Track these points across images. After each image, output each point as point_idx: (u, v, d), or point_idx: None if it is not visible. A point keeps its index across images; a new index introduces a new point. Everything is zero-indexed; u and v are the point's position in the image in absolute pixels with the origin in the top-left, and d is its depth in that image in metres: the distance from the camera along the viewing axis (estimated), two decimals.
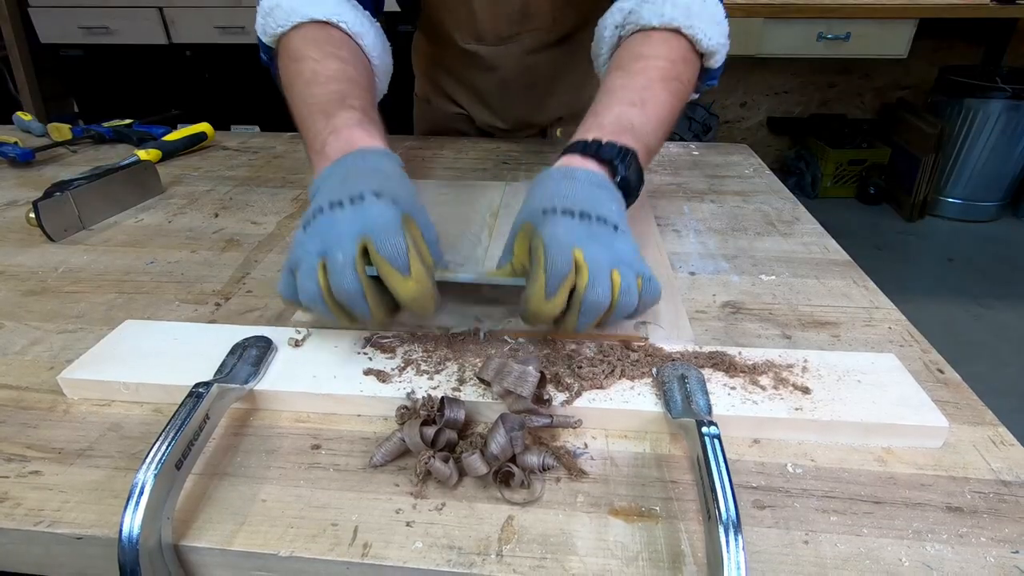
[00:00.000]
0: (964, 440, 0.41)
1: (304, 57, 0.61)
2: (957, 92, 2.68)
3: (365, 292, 0.41)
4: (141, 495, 0.31)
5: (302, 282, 0.42)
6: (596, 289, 0.42)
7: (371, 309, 0.42)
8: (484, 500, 0.36)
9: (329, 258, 0.41)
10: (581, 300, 0.42)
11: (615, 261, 0.43)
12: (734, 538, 0.29)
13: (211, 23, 2.46)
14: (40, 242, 0.70)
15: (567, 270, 0.41)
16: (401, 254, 0.41)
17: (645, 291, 0.45)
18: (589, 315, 0.43)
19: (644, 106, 0.55)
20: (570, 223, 0.44)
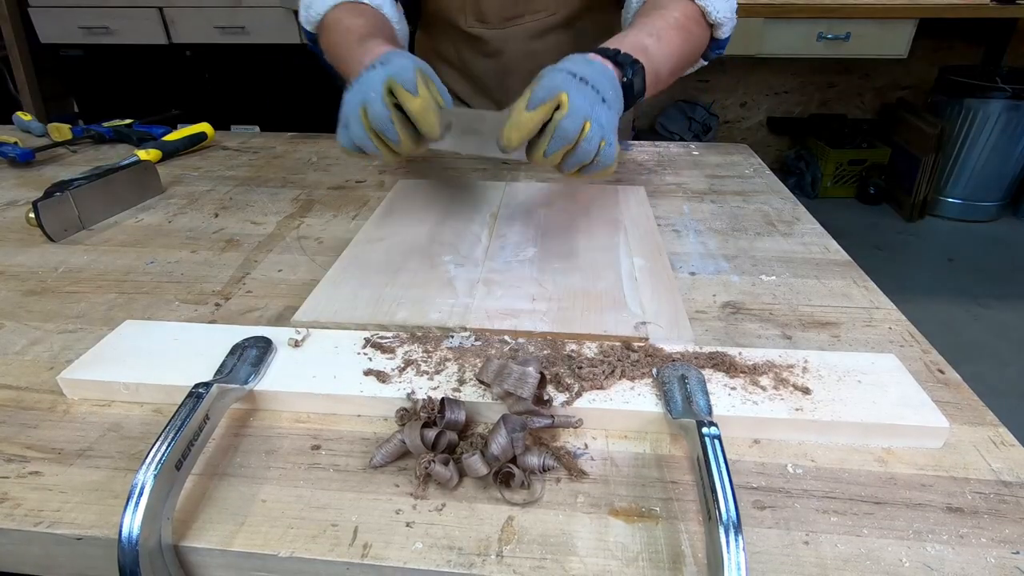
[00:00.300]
0: (964, 440, 0.41)
1: (338, 21, 0.77)
2: (957, 92, 2.67)
3: (392, 119, 0.52)
4: (141, 495, 0.31)
5: (351, 125, 0.54)
6: (569, 120, 0.50)
7: (398, 133, 0.53)
8: (484, 501, 0.36)
9: (365, 97, 0.53)
10: (556, 125, 0.50)
11: (592, 117, 0.51)
12: (734, 539, 0.29)
13: (211, 23, 2.45)
14: (40, 242, 0.70)
15: (549, 96, 0.50)
16: (411, 80, 0.52)
17: (603, 153, 0.52)
18: (558, 141, 0.51)
19: (658, 39, 0.66)
20: (567, 78, 0.52)
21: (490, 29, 0.93)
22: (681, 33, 0.69)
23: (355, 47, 0.69)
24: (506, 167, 0.92)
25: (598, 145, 0.52)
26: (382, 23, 0.79)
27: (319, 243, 0.69)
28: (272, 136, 1.12)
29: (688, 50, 0.71)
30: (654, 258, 0.61)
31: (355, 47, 0.69)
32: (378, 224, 0.70)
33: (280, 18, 2.41)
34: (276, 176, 0.91)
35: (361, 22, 0.75)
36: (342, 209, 0.79)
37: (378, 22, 0.77)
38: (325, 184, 0.88)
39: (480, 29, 0.93)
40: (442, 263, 0.61)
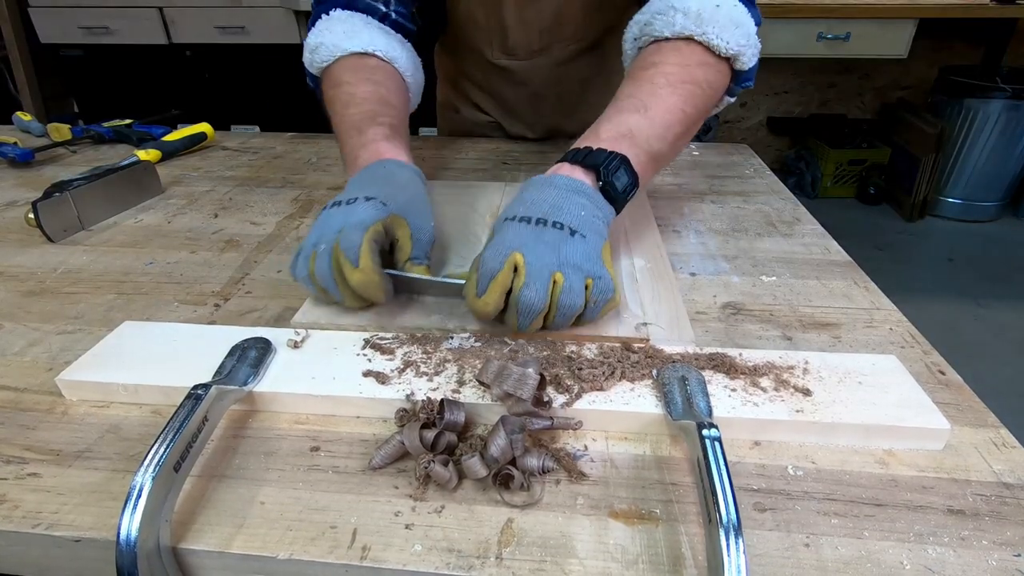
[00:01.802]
0: (966, 442, 0.41)
1: (342, 83, 0.69)
2: (957, 92, 2.67)
3: (336, 281, 0.48)
4: (139, 497, 0.31)
5: (296, 265, 0.51)
6: (529, 289, 0.44)
7: (342, 293, 0.49)
8: (484, 503, 0.36)
9: (317, 246, 0.50)
10: (516, 299, 0.45)
11: (560, 264, 0.46)
12: (735, 541, 0.29)
13: (211, 23, 2.46)
14: (39, 242, 0.70)
15: (496, 270, 0.45)
16: (353, 248, 0.47)
17: (595, 291, 0.46)
18: (526, 313, 0.45)
19: (647, 111, 0.56)
20: (519, 228, 0.48)
21: (517, 61, 0.92)
22: (678, 90, 0.58)
23: (351, 130, 0.64)
24: (506, 167, 0.92)
25: (582, 290, 0.46)
26: (391, 88, 0.71)
27: None
28: (272, 136, 1.12)
29: (694, 108, 0.59)
30: (654, 259, 0.61)
31: (351, 130, 0.64)
32: None
33: (280, 18, 2.41)
34: (276, 176, 0.91)
35: (367, 91, 0.67)
36: None
37: (386, 90, 0.69)
38: (325, 184, 0.88)
39: (507, 61, 0.92)
40: (442, 263, 0.61)
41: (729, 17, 0.60)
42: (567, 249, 0.46)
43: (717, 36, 0.59)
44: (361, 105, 0.66)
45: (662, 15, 0.61)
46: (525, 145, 1.03)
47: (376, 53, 0.72)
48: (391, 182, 0.55)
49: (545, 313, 0.46)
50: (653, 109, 0.56)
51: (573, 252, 0.47)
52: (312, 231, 0.52)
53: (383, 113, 0.65)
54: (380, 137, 0.61)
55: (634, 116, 0.56)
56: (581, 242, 0.47)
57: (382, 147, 0.60)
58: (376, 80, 0.70)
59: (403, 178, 0.57)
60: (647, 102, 0.57)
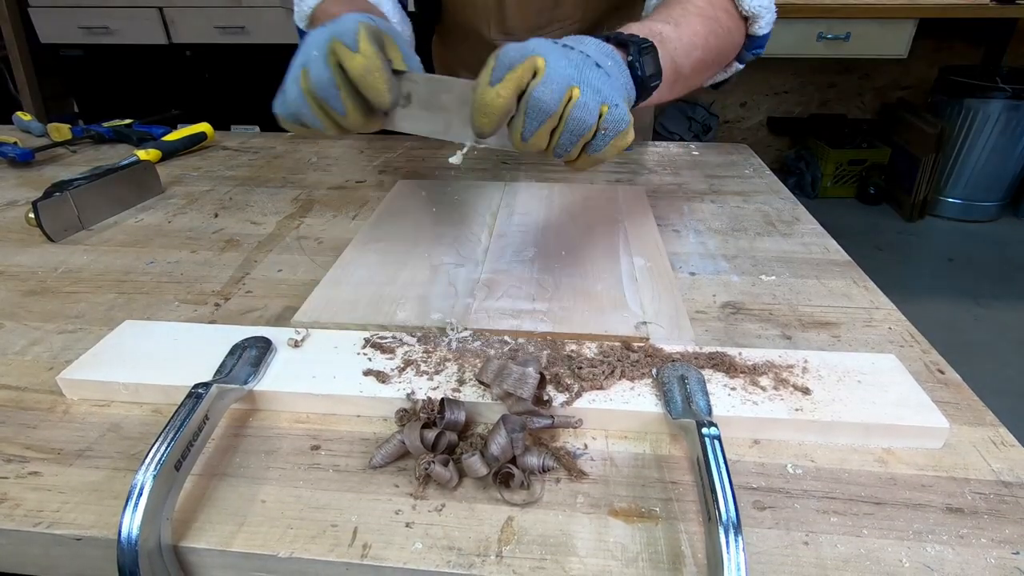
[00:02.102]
0: (964, 441, 0.41)
1: (325, 11, 0.70)
2: (957, 92, 2.67)
3: (337, 83, 0.43)
4: (140, 496, 0.31)
5: (287, 87, 0.46)
6: (545, 87, 0.40)
7: (343, 102, 0.44)
8: (484, 501, 0.36)
9: (307, 58, 0.45)
10: (529, 96, 0.41)
11: (580, 80, 0.42)
12: (734, 539, 0.29)
13: (211, 23, 2.46)
14: (40, 242, 0.70)
15: (515, 62, 0.41)
16: (351, 34, 0.43)
17: (608, 118, 0.42)
18: (535, 114, 0.41)
19: (677, 26, 0.56)
20: (544, 42, 0.43)
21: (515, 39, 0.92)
22: (706, 22, 0.59)
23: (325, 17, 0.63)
24: (506, 167, 0.92)
25: (597, 111, 0.42)
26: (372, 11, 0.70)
27: (319, 243, 0.69)
28: (272, 136, 1.12)
29: (716, 43, 0.59)
30: (654, 258, 0.61)
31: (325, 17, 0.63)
32: (378, 224, 0.70)
33: (280, 18, 2.41)
34: (276, 176, 0.91)
35: (347, 8, 0.67)
36: (342, 209, 0.79)
37: (367, 9, 0.70)
38: (325, 184, 0.88)
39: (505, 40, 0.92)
40: (442, 263, 0.61)
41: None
42: (589, 72, 0.43)
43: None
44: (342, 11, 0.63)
45: None
46: None
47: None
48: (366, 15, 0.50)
49: (554, 127, 0.42)
50: (682, 27, 0.57)
51: (594, 76, 0.43)
52: (297, 55, 0.47)
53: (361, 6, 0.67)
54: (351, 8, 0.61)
55: (665, 26, 0.55)
56: (605, 76, 0.44)
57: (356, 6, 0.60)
58: (361, 4, 0.71)
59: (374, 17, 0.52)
60: (678, 19, 0.57)
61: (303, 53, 0.46)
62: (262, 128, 2.59)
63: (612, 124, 0.43)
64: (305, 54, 0.46)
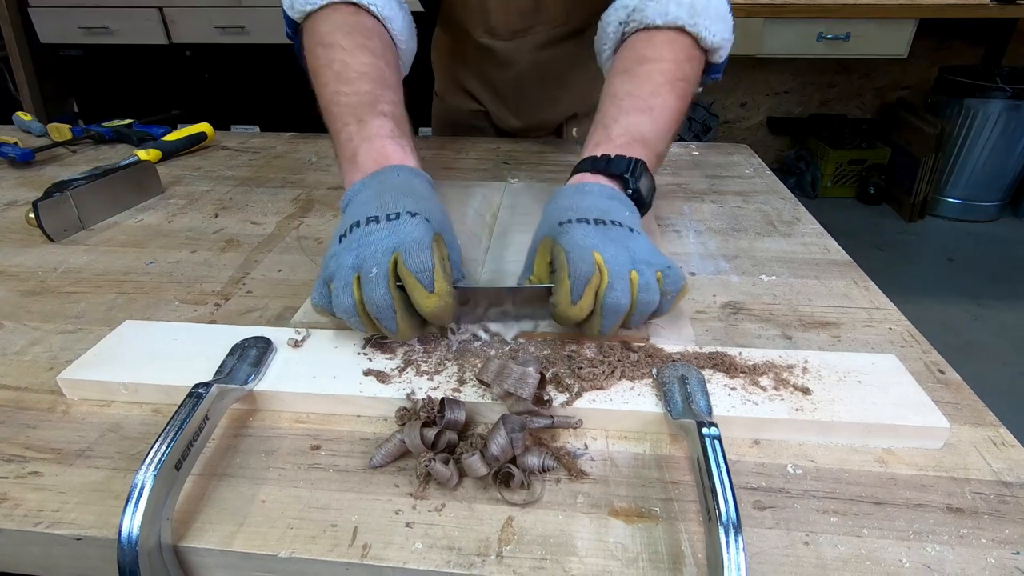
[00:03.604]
0: (965, 441, 0.41)
1: (334, 45, 0.61)
2: (957, 92, 2.68)
3: (395, 307, 0.42)
4: (140, 496, 0.31)
5: (338, 294, 0.43)
6: (616, 291, 0.43)
7: (398, 322, 0.43)
8: (484, 501, 0.36)
9: (364, 272, 0.43)
10: (602, 305, 0.43)
11: (633, 261, 0.45)
12: (734, 539, 0.29)
13: (211, 23, 2.46)
14: (40, 242, 0.70)
15: (590, 273, 0.43)
16: (427, 271, 0.42)
17: (668, 282, 0.45)
18: (611, 316, 0.44)
19: (652, 112, 0.56)
20: (587, 229, 0.46)
21: (500, 41, 0.93)
22: (675, 89, 0.58)
23: (348, 116, 0.56)
24: (506, 167, 0.92)
25: (656, 284, 0.44)
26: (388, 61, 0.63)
27: (319, 243, 0.69)
28: (272, 136, 1.12)
29: (684, 107, 0.59)
30: None
31: (348, 116, 0.56)
32: None
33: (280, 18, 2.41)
34: (276, 176, 0.91)
35: (364, 63, 0.60)
36: None
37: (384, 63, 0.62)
38: (325, 184, 0.88)
39: (490, 41, 0.93)
40: None
41: (717, 10, 0.61)
42: (633, 246, 0.46)
43: (707, 28, 0.60)
44: (357, 83, 0.58)
45: (654, 1, 0.61)
46: (525, 145, 1.03)
47: (371, 8, 0.64)
48: (415, 194, 0.48)
49: (626, 315, 0.44)
50: (657, 111, 0.56)
51: (639, 248, 0.46)
52: (344, 251, 0.44)
53: (383, 98, 0.58)
54: (385, 134, 0.55)
55: (642, 118, 0.55)
56: (640, 237, 0.47)
57: (388, 147, 0.54)
58: (373, 50, 0.62)
59: (421, 189, 0.50)
60: (651, 103, 0.56)
61: (356, 254, 0.44)
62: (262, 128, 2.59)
63: (673, 286, 0.45)
64: (359, 259, 0.43)
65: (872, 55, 2.53)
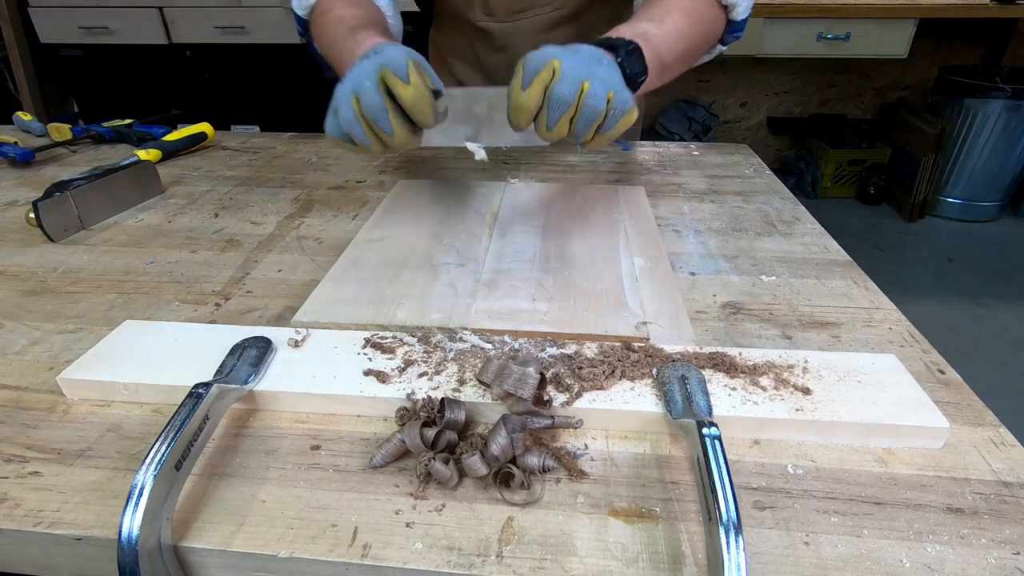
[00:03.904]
0: (965, 441, 0.41)
1: (330, 10, 0.75)
2: (957, 92, 2.67)
3: (387, 108, 0.50)
4: (140, 496, 0.31)
5: (341, 111, 0.52)
6: (563, 84, 0.49)
7: (392, 124, 0.50)
8: (484, 501, 0.36)
9: (358, 86, 0.51)
10: (551, 92, 0.49)
11: (589, 76, 0.50)
12: (735, 539, 0.29)
13: (211, 23, 2.45)
14: (40, 242, 0.70)
15: (541, 67, 0.49)
16: (402, 68, 0.50)
17: (616, 101, 0.50)
18: (557, 109, 0.49)
19: (661, 24, 0.63)
20: (554, 47, 0.52)
21: (498, 23, 0.93)
22: (688, 16, 0.66)
23: (346, 38, 0.68)
24: (506, 167, 0.92)
25: (606, 97, 0.50)
26: (375, 15, 0.78)
27: (319, 243, 0.69)
28: (272, 136, 1.12)
29: (698, 32, 0.67)
30: (654, 258, 0.61)
31: (346, 38, 0.68)
32: (378, 224, 0.70)
33: (280, 18, 2.41)
34: (276, 176, 0.91)
35: (354, 12, 0.74)
36: (342, 209, 0.79)
37: (371, 13, 0.77)
38: (325, 184, 0.88)
39: (488, 23, 0.93)
40: (442, 263, 0.61)
41: None
42: (594, 67, 0.51)
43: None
44: (352, 21, 0.72)
45: None
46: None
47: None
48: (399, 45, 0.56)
49: (572, 116, 0.50)
50: (666, 23, 0.63)
51: (599, 69, 0.51)
52: (343, 84, 0.52)
53: (372, 25, 0.71)
54: (375, 35, 0.66)
55: (649, 24, 0.62)
56: (607, 68, 0.52)
57: (379, 39, 0.63)
58: (364, 8, 0.76)
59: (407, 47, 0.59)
60: (661, 17, 0.64)
61: (353, 80, 0.51)
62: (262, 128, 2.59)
63: (619, 106, 0.51)
64: (356, 81, 0.51)
65: (872, 55, 2.52)
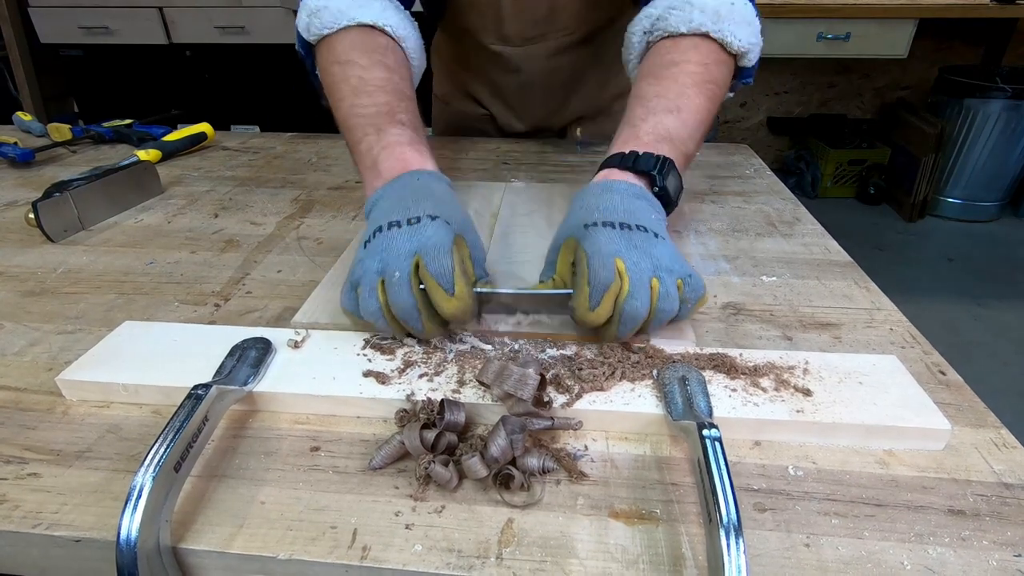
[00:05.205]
0: (966, 442, 0.41)
1: (351, 62, 0.63)
2: (957, 92, 2.67)
3: (419, 308, 0.44)
4: (140, 497, 0.31)
5: (364, 299, 0.45)
6: (635, 300, 0.43)
7: (423, 323, 0.45)
8: (484, 503, 0.36)
9: (387, 275, 0.44)
10: (620, 312, 0.43)
11: (655, 268, 0.45)
12: (735, 541, 0.29)
13: (211, 23, 2.46)
14: (40, 242, 0.70)
15: (610, 280, 0.43)
16: (447, 274, 0.44)
17: (688, 290, 0.46)
18: (628, 323, 0.44)
19: (680, 112, 0.56)
20: (611, 233, 0.46)
21: (512, 48, 0.93)
22: (703, 90, 0.58)
23: (367, 127, 0.58)
24: (506, 167, 0.92)
25: (677, 292, 0.45)
26: (403, 76, 0.65)
27: (319, 243, 0.69)
28: (272, 136, 1.12)
29: (713, 107, 0.59)
30: None
31: (367, 127, 0.58)
32: None
33: (280, 18, 2.41)
34: (276, 176, 0.91)
35: (380, 77, 0.62)
36: (342, 209, 0.79)
37: (399, 78, 0.64)
38: (325, 184, 0.88)
39: (502, 47, 0.93)
40: None
41: (742, 15, 0.61)
42: (657, 252, 0.46)
43: (732, 34, 0.60)
44: (375, 96, 0.60)
45: (678, 10, 0.61)
46: (525, 145, 1.03)
47: (387, 29, 0.66)
48: (435, 197, 0.50)
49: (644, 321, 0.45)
50: (684, 111, 0.56)
51: (662, 255, 0.46)
52: (368, 256, 0.46)
53: (400, 109, 0.60)
54: (404, 141, 0.56)
55: (668, 117, 0.56)
56: (665, 244, 0.47)
57: (407, 154, 0.55)
58: (388, 66, 0.64)
59: (442, 192, 0.51)
60: (678, 103, 0.57)
61: (380, 259, 0.45)
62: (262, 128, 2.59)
63: (692, 295, 0.46)
64: (383, 264, 0.45)
65: (872, 55, 2.52)
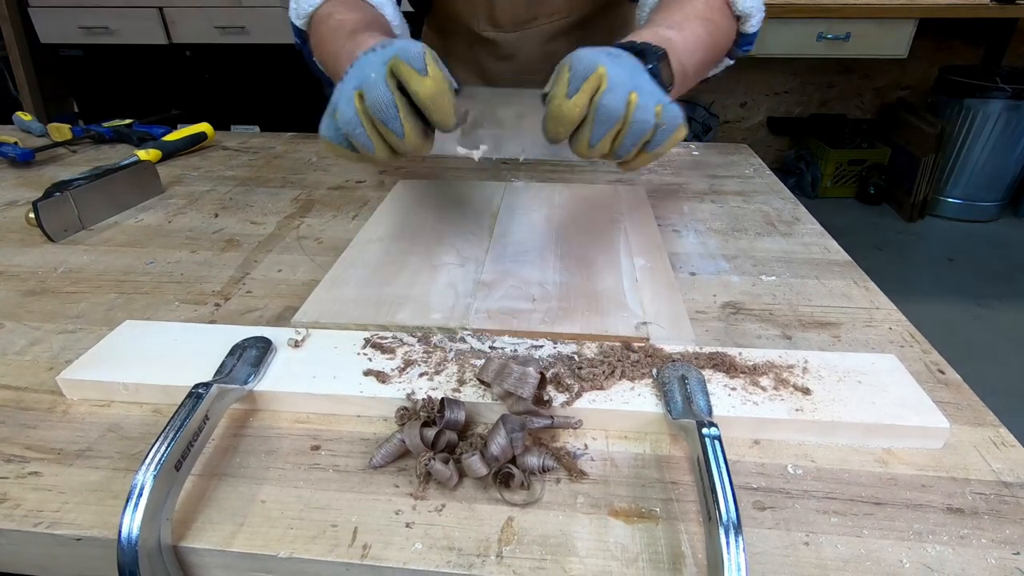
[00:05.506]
0: (965, 441, 0.41)
1: (331, 15, 0.69)
2: (957, 92, 2.67)
3: (397, 104, 0.43)
4: (140, 496, 0.31)
5: (341, 109, 0.44)
6: (612, 94, 0.43)
7: (403, 123, 0.43)
8: (484, 501, 0.36)
9: (363, 80, 0.43)
10: (596, 106, 0.43)
11: (636, 85, 0.44)
12: (734, 539, 0.29)
13: (211, 23, 2.45)
14: (40, 242, 0.70)
15: (589, 72, 0.43)
16: (419, 57, 0.42)
17: (665, 115, 0.45)
18: (604, 123, 0.43)
19: (680, 29, 0.59)
20: (596, 51, 0.45)
21: (504, 33, 0.92)
22: (705, 24, 0.62)
23: (346, 41, 0.62)
24: (506, 167, 0.92)
25: (654, 111, 0.44)
26: (378, 20, 0.72)
27: (319, 243, 0.69)
28: (272, 136, 1.12)
29: (713, 43, 0.63)
30: (654, 258, 0.61)
31: (346, 41, 0.62)
32: (378, 224, 0.70)
33: (280, 18, 2.41)
34: (276, 176, 0.91)
35: (354, 16, 0.68)
36: (342, 209, 0.79)
37: (374, 18, 0.71)
38: (325, 184, 0.88)
39: (494, 33, 0.93)
40: (442, 263, 0.61)
41: None
42: (640, 77, 0.46)
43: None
44: (353, 23, 0.65)
45: None
46: None
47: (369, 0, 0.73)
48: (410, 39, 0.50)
49: (618, 131, 0.44)
50: (686, 31, 0.59)
51: (645, 80, 0.46)
52: (346, 79, 0.45)
53: (374, 27, 0.65)
54: (379, 36, 0.60)
55: (670, 31, 0.58)
56: (647, 74, 0.47)
57: (381, 38, 0.58)
58: (363, 10, 0.70)
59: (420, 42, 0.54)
60: (681, 24, 0.59)
61: (357, 75, 0.45)
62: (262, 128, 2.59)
63: (669, 120, 0.45)
64: (360, 76, 0.44)
65: (872, 55, 2.52)
